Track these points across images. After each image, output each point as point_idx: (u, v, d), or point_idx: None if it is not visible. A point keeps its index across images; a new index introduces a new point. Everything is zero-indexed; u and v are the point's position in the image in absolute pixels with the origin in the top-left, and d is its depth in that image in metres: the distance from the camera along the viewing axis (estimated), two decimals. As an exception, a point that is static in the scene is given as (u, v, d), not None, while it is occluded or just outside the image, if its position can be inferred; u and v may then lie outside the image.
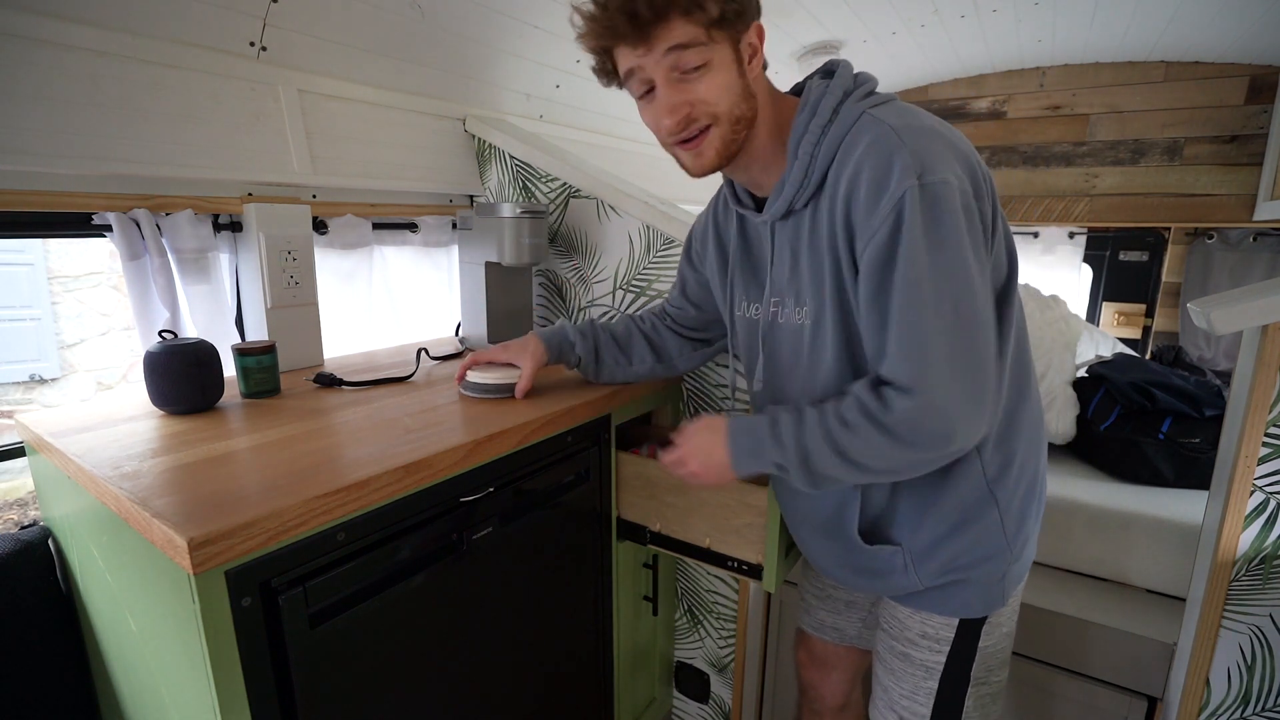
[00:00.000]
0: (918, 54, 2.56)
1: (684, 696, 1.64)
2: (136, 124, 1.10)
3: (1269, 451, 0.99)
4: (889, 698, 0.96)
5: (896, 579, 0.88)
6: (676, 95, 0.75)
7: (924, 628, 0.91)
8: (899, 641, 0.94)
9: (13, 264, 5.72)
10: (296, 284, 1.32)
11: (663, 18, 0.71)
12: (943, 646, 0.90)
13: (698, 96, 0.75)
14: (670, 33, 0.72)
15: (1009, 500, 0.84)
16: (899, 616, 0.93)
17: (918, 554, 0.86)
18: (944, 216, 0.68)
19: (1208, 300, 0.99)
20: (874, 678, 1.01)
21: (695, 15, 0.71)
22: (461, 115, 1.69)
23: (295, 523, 0.70)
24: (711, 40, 0.72)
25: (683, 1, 0.70)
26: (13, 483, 4.10)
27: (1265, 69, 2.41)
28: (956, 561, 0.85)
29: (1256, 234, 2.57)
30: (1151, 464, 1.41)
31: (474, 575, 0.96)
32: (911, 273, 0.69)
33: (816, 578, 1.15)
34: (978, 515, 0.83)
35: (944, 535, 0.84)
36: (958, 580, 0.87)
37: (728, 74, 0.74)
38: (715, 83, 0.74)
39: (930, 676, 0.92)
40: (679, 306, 1.14)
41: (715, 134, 0.77)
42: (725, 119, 0.76)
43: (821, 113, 0.76)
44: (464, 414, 1.03)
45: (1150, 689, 1.19)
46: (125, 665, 0.92)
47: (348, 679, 0.79)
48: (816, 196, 0.78)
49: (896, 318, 0.70)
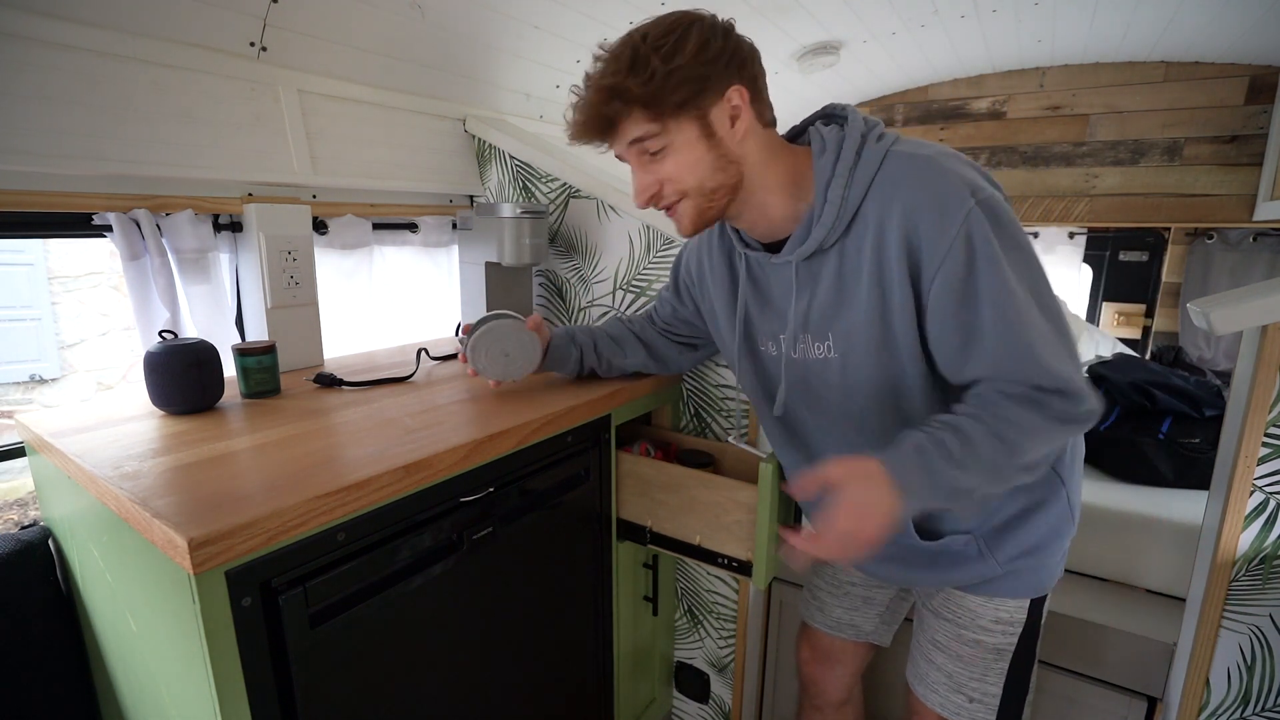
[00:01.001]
0: (918, 54, 2.56)
1: (684, 696, 1.64)
2: (137, 124, 1.10)
3: (1269, 451, 0.99)
4: (954, 681, 0.97)
5: (972, 567, 0.90)
6: (646, 176, 0.83)
7: (998, 614, 0.93)
8: (969, 630, 0.95)
9: (13, 264, 5.72)
10: (296, 284, 1.32)
11: (615, 124, 0.79)
12: (1015, 629, 0.93)
13: (664, 176, 0.81)
14: (628, 129, 0.79)
15: (1070, 474, 0.89)
16: (969, 606, 0.94)
17: (990, 538, 0.88)
18: (1007, 224, 0.74)
19: (1208, 300, 0.99)
20: (926, 661, 1.00)
21: (648, 110, 0.77)
22: (461, 115, 1.69)
23: (295, 523, 0.70)
24: (667, 128, 0.78)
25: (635, 100, 0.77)
26: (13, 483, 4.10)
27: (1265, 69, 2.41)
28: (1030, 542, 0.88)
29: (1256, 234, 2.57)
30: (1151, 464, 1.41)
31: (474, 575, 0.96)
32: (1000, 283, 0.73)
33: (833, 574, 1.15)
34: (1048, 495, 0.88)
35: (1016, 517, 0.88)
36: (1033, 564, 0.90)
37: (691, 152, 0.80)
38: (679, 162, 0.80)
39: (1002, 658, 0.94)
40: (668, 322, 1.18)
41: (687, 205, 0.83)
42: (694, 192, 0.82)
43: (846, 156, 0.80)
44: (464, 414, 1.03)
45: (1150, 689, 1.19)
46: (125, 665, 0.92)
47: (348, 679, 0.79)
48: (844, 235, 0.81)
49: (996, 327, 0.74)
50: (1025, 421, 0.73)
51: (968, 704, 0.96)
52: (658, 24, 0.78)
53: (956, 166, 0.76)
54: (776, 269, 0.90)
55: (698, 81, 0.76)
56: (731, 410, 1.39)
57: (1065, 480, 0.89)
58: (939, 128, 3.04)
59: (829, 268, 0.83)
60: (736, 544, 1.12)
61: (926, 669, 1.00)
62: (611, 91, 0.77)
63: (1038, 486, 0.88)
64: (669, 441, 1.34)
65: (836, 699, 1.20)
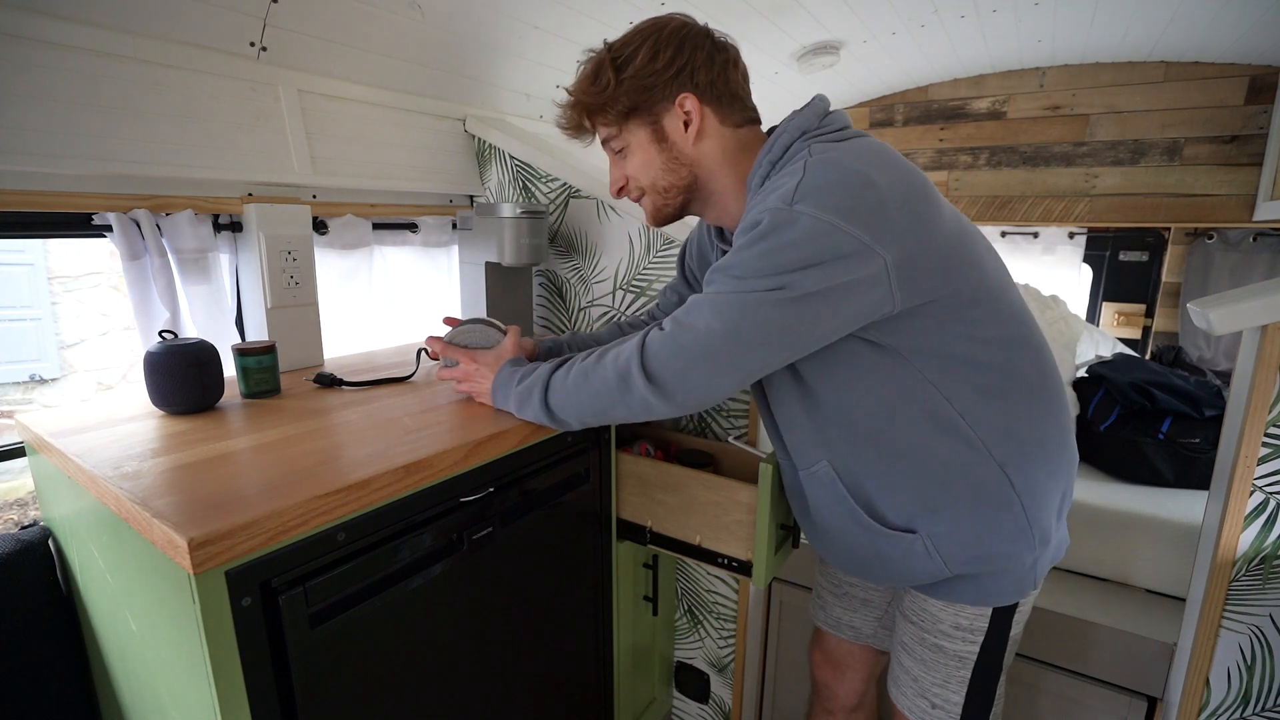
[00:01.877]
0: (918, 54, 2.56)
1: (684, 696, 1.64)
2: (136, 124, 1.10)
3: (1269, 451, 0.99)
4: (919, 685, 0.97)
5: (919, 565, 0.88)
6: (615, 170, 0.95)
7: (957, 619, 0.92)
8: (930, 634, 0.94)
9: (13, 264, 5.72)
10: (296, 284, 1.32)
11: (584, 125, 0.93)
12: (976, 637, 0.92)
13: (627, 172, 0.94)
14: (595, 130, 0.93)
15: (1027, 489, 0.84)
16: (930, 610, 0.94)
17: (938, 538, 0.86)
18: (777, 235, 0.73)
19: (1208, 300, 0.99)
20: (897, 663, 1.00)
21: (603, 115, 0.90)
22: (461, 115, 1.69)
23: (295, 523, 0.70)
24: (623, 130, 0.90)
25: (590, 109, 0.90)
26: (13, 483, 4.10)
27: (1265, 69, 2.41)
28: (980, 550, 0.86)
29: (1256, 234, 2.57)
30: (1151, 464, 1.41)
31: (474, 575, 0.96)
32: (725, 268, 0.78)
33: (833, 574, 1.16)
34: (995, 503, 0.84)
35: (963, 517, 0.85)
36: (991, 570, 0.88)
37: (645, 153, 0.90)
38: (635, 161, 0.92)
39: (964, 666, 0.93)
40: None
41: (647, 200, 0.95)
42: (651, 189, 0.93)
43: (774, 150, 0.84)
44: (464, 414, 1.03)
45: (1150, 689, 1.19)
46: (125, 665, 0.92)
47: (348, 679, 0.79)
48: None
49: (691, 304, 0.81)
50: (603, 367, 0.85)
51: (930, 709, 0.96)
52: (629, 35, 0.88)
53: (825, 178, 0.73)
54: None
55: (643, 91, 0.86)
56: (732, 410, 1.40)
57: (1018, 492, 0.84)
58: (939, 128, 3.04)
59: None
60: (736, 544, 1.12)
61: (898, 672, 1.01)
62: (573, 102, 0.91)
63: (984, 493, 0.84)
64: (669, 441, 1.34)
65: (848, 704, 1.19)
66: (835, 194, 0.73)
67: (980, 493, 0.84)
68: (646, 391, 0.81)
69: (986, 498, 0.84)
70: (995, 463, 0.83)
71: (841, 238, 0.71)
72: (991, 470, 0.83)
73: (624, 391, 0.83)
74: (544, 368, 0.94)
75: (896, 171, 0.77)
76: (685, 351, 0.78)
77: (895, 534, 0.88)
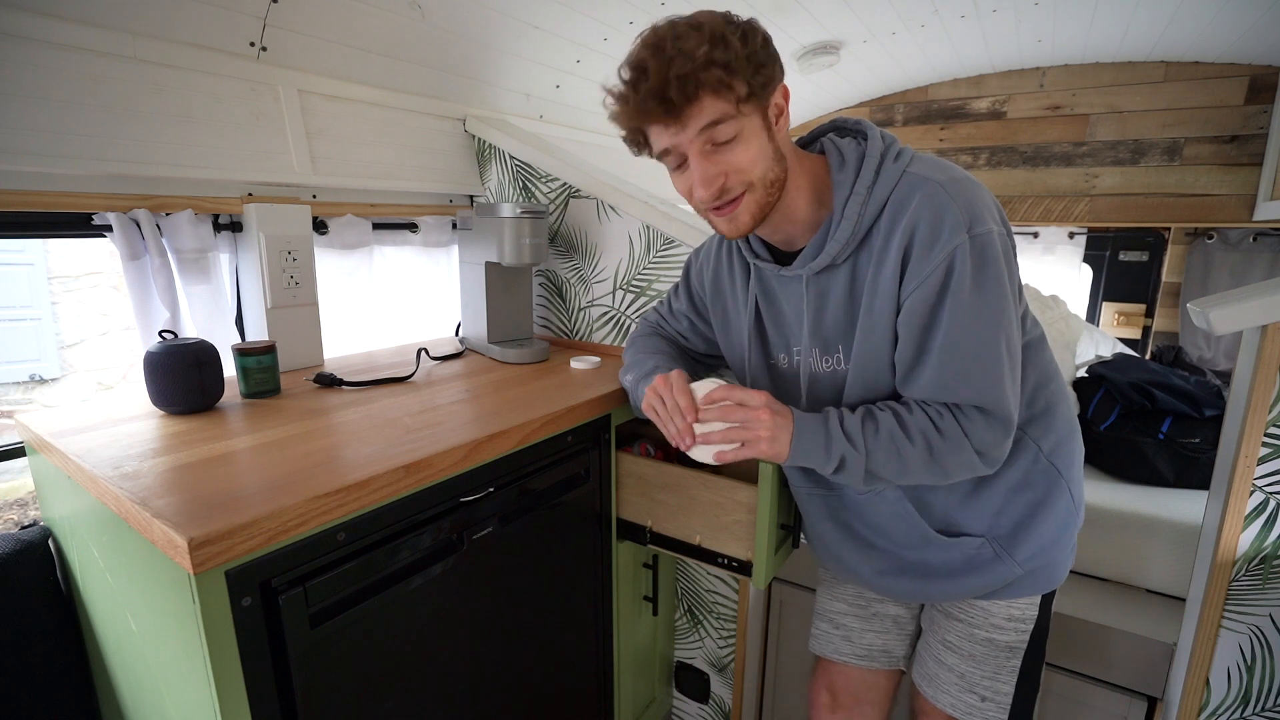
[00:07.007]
0: (918, 54, 2.56)
1: (684, 696, 1.64)
2: (136, 124, 1.10)
3: (1269, 451, 0.99)
4: (966, 681, 0.97)
5: (991, 570, 0.90)
6: (711, 167, 0.77)
7: (1010, 611, 0.94)
8: (981, 629, 0.95)
9: (13, 264, 5.72)
10: (296, 284, 1.32)
11: (693, 99, 0.72)
12: (1028, 625, 0.94)
13: (732, 166, 0.77)
14: (702, 111, 0.73)
15: (1068, 468, 0.91)
16: (982, 604, 0.95)
17: (1005, 540, 0.89)
18: (990, 264, 0.77)
19: (1208, 300, 0.99)
20: (937, 662, 0.99)
21: (725, 94, 0.73)
22: (461, 115, 1.69)
23: (295, 523, 0.70)
24: (741, 113, 0.74)
25: (712, 82, 0.71)
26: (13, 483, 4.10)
27: (1265, 69, 2.41)
28: (1045, 539, 0.90)
29: (1256, 234, 2.56)
30: (1151, 464, 1.41)
31: (474, 575, 0.96)
32: (962, 315, 0.77)
33: (858, 598, 1.09)
34: (1050, 490, 0.89)
35: (1026, 515, 0.89)
36: (1047, 560, 0.91)
37: (759, 141, 0.77)
38: (748, 152, 0.76)
39: (1014, 655, 0.95)
40: (685, 337, 1.12)
41: (750, 199, 0.79)
42: (759, 185, 0.79)
43: (865, 174, 0.80)
44: (464, 414, 1.03)
45: (1150, 689, 1.19)
46: (125, 665, 0.92)
47: (348, 679, 0.79)
48: (856, 252, 0.83)
49: (944, 352, 0.78)
50: (926, 428, 0.80)
51: (980, 703, 0.96)
52: (704, 15, 0.74)
53: (968, 195, 0.77)
54: (786, 281, 0.90)
55: (769, 67, 0.75)
56: None
57: (1063, 472, 0.90)
58: (939, 128, 3.04)
59: (839, 282, 0.85)
60: (736, 544, 1.11)
61: (936, 669, 0.99)
62: (710, 58, 0.70)
63: (1039, 483, 0.89)
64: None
65: None
66: (987, 204, 0.78)
67: (1032, 483, 0.89)
68: (979, 464, 0.82)
69: (1040, 487, 0.89)
70: (1043, 453, 0.88)
71: (1007, 242, 0.80)
72: (1041, 462, 0.88)
73: (950, 474, 0.83)
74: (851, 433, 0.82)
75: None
76: (998, 425, 0.80)
77: (960, 540, 0.90)
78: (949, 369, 0.78)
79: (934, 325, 0.78)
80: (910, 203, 0.77)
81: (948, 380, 0.79)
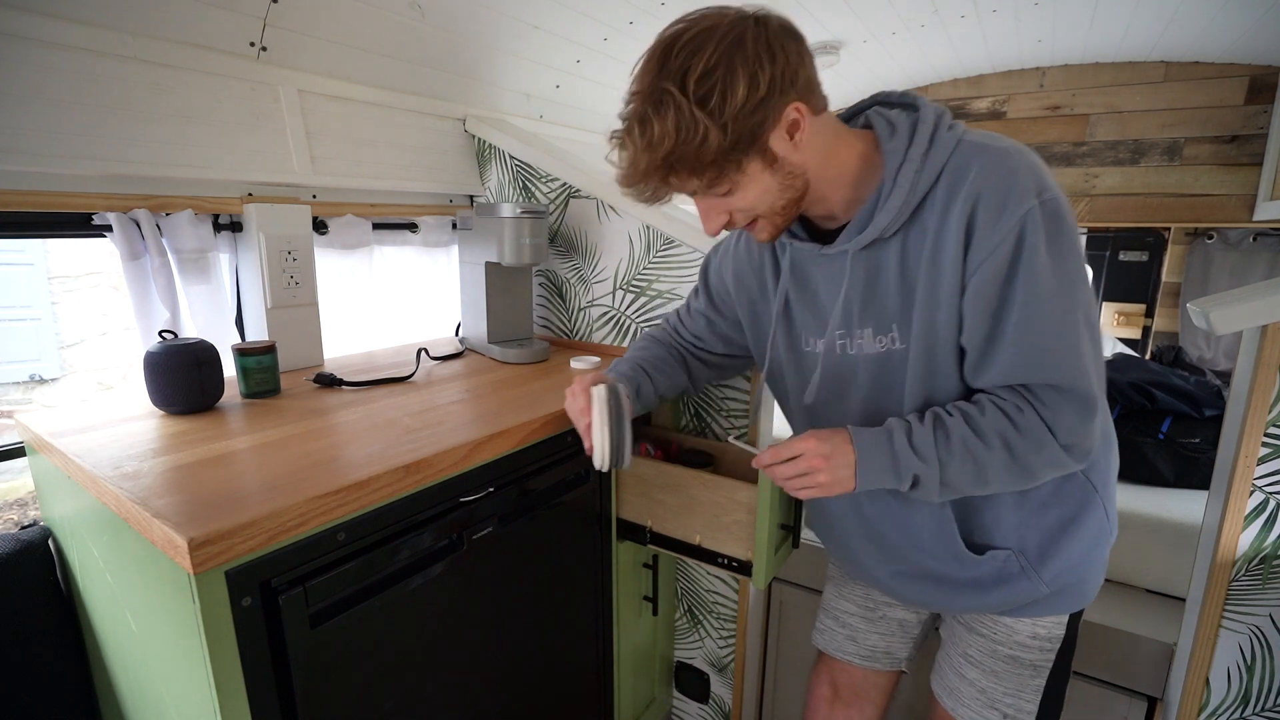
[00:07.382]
0: (918, 54, 2.56)
1: (684, 696, 1.64)
2: (136, 124, 1.10)
3: (1269, 451, 0.99)
4: (987, 697, 0.93)
5: (1016, 586, 0.86)
6: (713, 210, 0.79)
7: (1035, 629, 0.90)
8: (1003, 646, 0.92)
9: (13, 264, 5.72)
10: (296, 284, 1.32)
11: (671, 185, 0.75)
12: (1054, 644, 0.91)
13: (733, 207, 0.78)
14: (684, 187, 0.76)
15: (1104, 483, 0.86)
16: (1005, 620, 0.91)
17: (1033, 556, 0.84)
18: (1064, 231, 0.72)
19: (1208, 300, 0.99)
20: (957, 674, 0.97)
21: (702, 173, 0.73)
22: (461, 115, 1.69)
23: (295, 523, 0.70)
24: (727, 172, 0.74)
25: (682, 173, 0.72)
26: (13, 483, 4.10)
27: (1265, 69, 2.41)
28: (1075, 557, 0.85)
29: (1256, 234, 2.57)
30: (1151, 464, 1.41)
31: (474, 575, 0.96)
32: (1040, 286, 0.71)
33: (866, 600, 1.08)
34: (1083, 506, 0.85)
35: (1056, 531, 0.84)
36: (1076, 579, 0.87)
37: (759, 182, 0.75)
38: (747, 196, 0.76)
39: (1039, 674, 0.91)
40: (699, 337, 1.08)
41: (762, 223, 0.80)
42: (768, 214, 0.79)
43: (919, 141, 0.76)
44: (464, 414, 1.03)
45: (1150, 689, 1.19)
46: (125, 665, 0.92)
47: (348, 679, 0.79)
48: (908, 223, 0.78)
49: (1021, 328, 0.73)
50: (1003, 427, 0.74)
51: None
52: (693, 57, 0.68)
53: (1030, 160, 0.73)
54: (826, 260, 0.85)
55: (755, 127, 0.70)
56: (732, 410, 1.39)
57: (1099, 489, 0.85)
58: (939, 128, 3.04)
59: (890, 257, 0.79)
60: (736, 544, 1.11)
61: (957, 682, 0.96)
62: (663, 167, 0.72)
63: (1071, 497, 0.84)
64: (669, 441, 1.33)
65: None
66: (1048, 171, 0.74)
67: (1067, 501, 0.84)
68: (1066, 459, 0.76)
69: (1072, 503, 0.84)
70: (1081, 471, 0.84)
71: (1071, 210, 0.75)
72: (1075, 476, 0.84)
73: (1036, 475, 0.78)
74: (920, 450, 0.77)
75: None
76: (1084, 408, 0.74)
77: (989, 554, 0.86)
78: (1027, 346, 0.73)
79: (1008, 300, 0.73)
80: (969, 171, 0.72)
81: (1027, 359, 0.73)
